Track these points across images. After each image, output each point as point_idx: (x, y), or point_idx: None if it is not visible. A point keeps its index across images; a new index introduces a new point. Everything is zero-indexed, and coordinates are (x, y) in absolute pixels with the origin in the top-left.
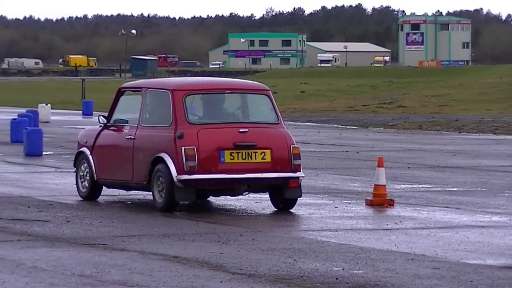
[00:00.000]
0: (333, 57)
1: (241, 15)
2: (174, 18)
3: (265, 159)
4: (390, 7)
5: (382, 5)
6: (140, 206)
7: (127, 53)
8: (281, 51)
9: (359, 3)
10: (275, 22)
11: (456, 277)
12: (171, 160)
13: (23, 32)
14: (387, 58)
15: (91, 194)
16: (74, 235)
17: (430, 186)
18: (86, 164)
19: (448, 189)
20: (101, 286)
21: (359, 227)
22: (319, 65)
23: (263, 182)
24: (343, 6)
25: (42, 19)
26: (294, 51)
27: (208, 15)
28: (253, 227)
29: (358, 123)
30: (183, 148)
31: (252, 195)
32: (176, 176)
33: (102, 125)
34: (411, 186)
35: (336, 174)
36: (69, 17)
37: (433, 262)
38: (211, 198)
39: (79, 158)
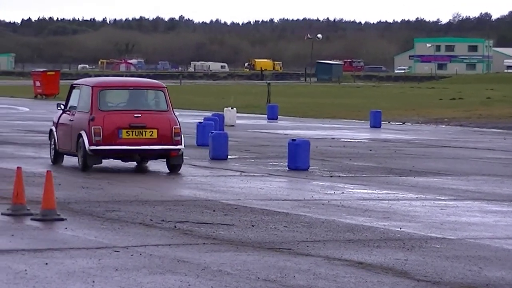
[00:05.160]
0: None
1: (427, 20)
2: (360, 22)
3: (152, 136)
4: None
5: None
6: (325, 210)
7: (313, 57)
8: (467, 57)
9: None
10: (462, 27)
11: None
12: (86, 136)
13: (209, 36)
14: None
15: (55, 160)
16: (259, 239)
17: None
18: (53, 139)
19: None
20: None
21: None
22: (505, 70)
23: (150, 152)
24: None
25: (229, 22)
26: (480, 57)
27: (394, 20)
28: (438, 234)
29: None
30: (93, 127)
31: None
32: (88, 147)
33: (61, 110)
34: None
35: None
36: (255, 20)
37: None
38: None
39: (50, 134)
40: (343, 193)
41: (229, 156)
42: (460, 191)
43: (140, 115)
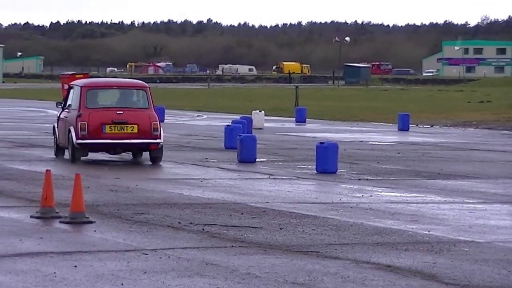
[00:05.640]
0: None
1: (455, 22)
2: (388, 25)
3: (133, 130)
4: None
5: None
6: (354, 213)
7: (341, 60)
8: (496, 59)
9: None
10: (490, 30)
11: None
12: (74, 131)
13: (237, 39)
14: None
15: (57, 154)
16: (287, 242)
17: None
18: (55, 134)
19: None
20: None
21: None
22: None
23: (132, 146)
24: None
25: (257, 25)
26: (509, 60)
27: (422, 23)
28: (467, 237)
29: None
30: (79, 123)
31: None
32: (75, 141)
33: (61, 109)
34: None
35: None
36: (283, 23)
37: None
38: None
39: (53, 130)
40: (371, 196)
41: (257, 159)
42: (489, 194)
43: (122, 112)
